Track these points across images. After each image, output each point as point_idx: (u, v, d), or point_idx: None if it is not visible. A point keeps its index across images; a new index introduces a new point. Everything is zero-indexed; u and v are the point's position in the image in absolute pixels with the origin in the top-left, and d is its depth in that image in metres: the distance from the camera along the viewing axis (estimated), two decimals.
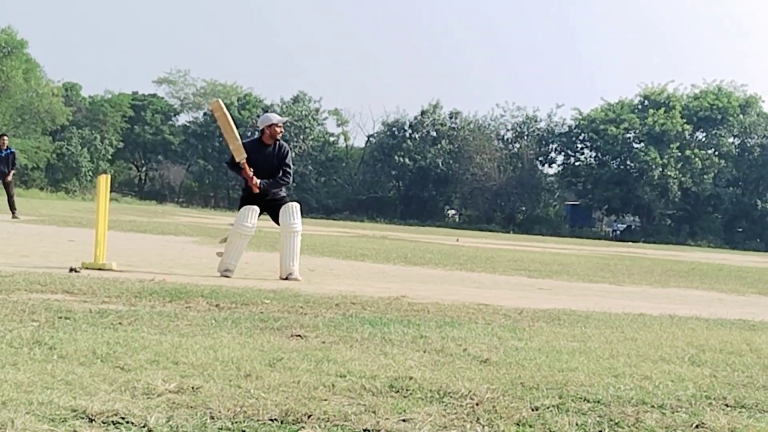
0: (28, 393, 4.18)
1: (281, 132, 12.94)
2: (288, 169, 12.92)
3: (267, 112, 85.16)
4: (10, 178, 27.75)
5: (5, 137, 29.10)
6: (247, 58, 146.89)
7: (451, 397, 4.70)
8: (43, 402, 4.02)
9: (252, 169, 12.63)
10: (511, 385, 5.11)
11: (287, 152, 12.96)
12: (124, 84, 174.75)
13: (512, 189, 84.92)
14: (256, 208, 12.67)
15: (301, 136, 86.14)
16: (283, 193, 13.01)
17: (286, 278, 12.23)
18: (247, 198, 12.84)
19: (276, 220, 12.86)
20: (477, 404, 4.55)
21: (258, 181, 12.65)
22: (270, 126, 12.86)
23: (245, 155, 12.69)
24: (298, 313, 8.09)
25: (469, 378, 5.20)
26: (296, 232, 12.64)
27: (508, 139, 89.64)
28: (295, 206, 12.86)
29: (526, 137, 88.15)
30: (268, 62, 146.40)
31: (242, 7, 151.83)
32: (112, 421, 3.83)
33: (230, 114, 13.26)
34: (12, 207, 26.67)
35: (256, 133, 13.12)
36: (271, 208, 12.89)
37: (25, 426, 3.63)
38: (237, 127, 13.23)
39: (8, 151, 27.71)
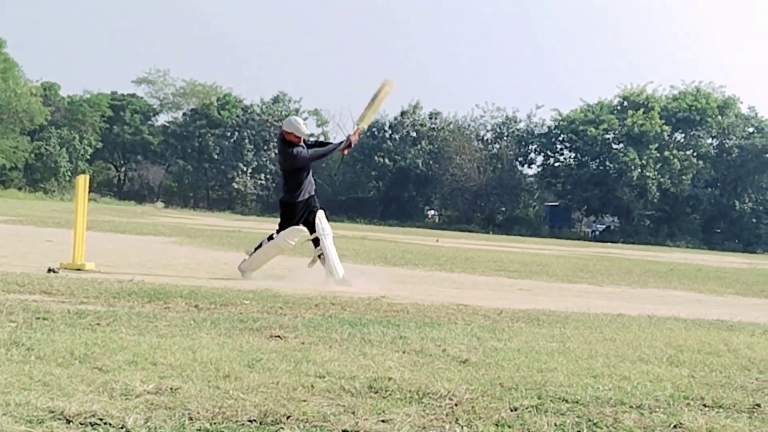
0: (5, 394, 4.16)
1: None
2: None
3: (246, 112, 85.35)
4: None
5: None
6: (227, 58, 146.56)
7: (430, 397, 4.70)
8: (21, 403, 4.00)
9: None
10: (490, 385, 5.11)
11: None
12: (103, 84, 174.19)
13: (492, 189, 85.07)
14: (306, 231, 12.70)
15: None
16: (317, 200, 13.08)
17: (338, 286, 12.34)
18: (300, 205, 12.86)
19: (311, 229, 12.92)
20: (456, 405, 4.55)
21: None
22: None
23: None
24: (277, 314, 8.08)
25: (448, 378, 5.20)
26: (326, 235, 12.71)
27: (487, 139, 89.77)
28: (322, 213, 13.01)
29: (505, 138, 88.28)
30: (248, 62, 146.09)
31: (222, 8, 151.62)
32: (90, 423, 3.81)
33: (210, 114, 13.31)
34: None
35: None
36: (309, 217, 12.96)
37: (2, 427, 3.62)
38: (216, 127, 13.28)
39: None
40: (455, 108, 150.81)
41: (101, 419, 3.85)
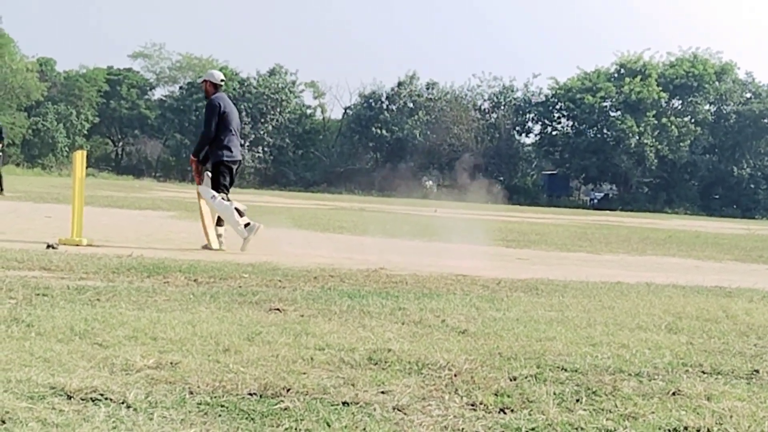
0: (5, 371, 4.17)
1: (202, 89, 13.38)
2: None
3: (243, 85, 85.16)
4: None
5: None
6: (222, 30, 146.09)
7: (429, 368, 4.71)
8: (21, 379, 4.01)
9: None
10: (489, 355, 5.13)
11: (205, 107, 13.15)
12: (99, 59, 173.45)
13: (490, 159, 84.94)
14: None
15: (278, 109, 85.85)
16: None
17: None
18: None
19: None
20: (455, 375, 4.56)
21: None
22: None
23: None
24: (276, 287, 8.09)
25: (447, 349, 5.22)
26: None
27: (485, 109, 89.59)
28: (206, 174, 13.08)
29: (503, 107, 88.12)
30: (243, 35, 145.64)
31: None
32: (91, 398, 3.83)
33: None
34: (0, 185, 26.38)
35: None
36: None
37: (3, 404, 3.63)
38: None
39: None
40: (452, 78, 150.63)
41: (102, 394, 3.87)
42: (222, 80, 13.15)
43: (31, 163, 78.65)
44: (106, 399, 3.83)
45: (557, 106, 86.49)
